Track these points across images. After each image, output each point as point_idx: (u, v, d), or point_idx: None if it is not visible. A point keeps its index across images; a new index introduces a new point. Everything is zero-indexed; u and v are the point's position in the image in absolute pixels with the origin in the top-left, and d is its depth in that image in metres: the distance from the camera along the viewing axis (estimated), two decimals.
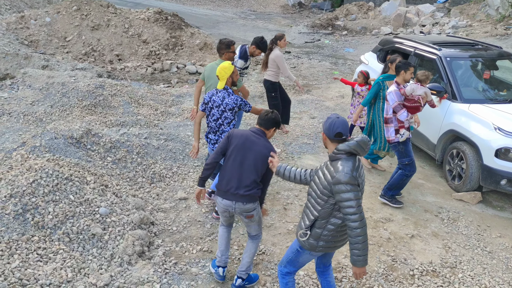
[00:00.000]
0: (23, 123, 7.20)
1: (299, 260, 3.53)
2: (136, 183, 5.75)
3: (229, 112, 4.74)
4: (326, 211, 3.21)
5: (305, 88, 10.61)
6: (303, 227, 3.35)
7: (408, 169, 5.54)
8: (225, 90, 4.74)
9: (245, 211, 3.83)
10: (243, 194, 3.76)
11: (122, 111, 7.93)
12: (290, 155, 6.99)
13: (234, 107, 4.72)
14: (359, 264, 3.18)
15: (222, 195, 3.86)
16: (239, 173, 3.78)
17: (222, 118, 4.76)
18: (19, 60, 9.90)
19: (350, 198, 3.07)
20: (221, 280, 4.15)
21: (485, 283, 4.45)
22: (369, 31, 19.20)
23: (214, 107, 4.77)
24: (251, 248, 4.06)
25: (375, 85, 6.14)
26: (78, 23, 12.72)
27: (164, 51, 12.85)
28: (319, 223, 3.27)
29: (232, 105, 4.70)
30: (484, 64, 7.15)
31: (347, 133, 3.23)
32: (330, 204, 3.18)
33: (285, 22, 21.93)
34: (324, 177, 3.20)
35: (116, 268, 4.17)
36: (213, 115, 4.79)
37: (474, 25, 16.91)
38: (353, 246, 3.14)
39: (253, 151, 3.78)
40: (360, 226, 3.08)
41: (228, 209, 3.89)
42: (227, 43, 5.67)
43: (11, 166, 5.00)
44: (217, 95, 4.75)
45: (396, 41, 8.03)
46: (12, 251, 3.97)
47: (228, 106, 4.70)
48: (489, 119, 5.87)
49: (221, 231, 4.19)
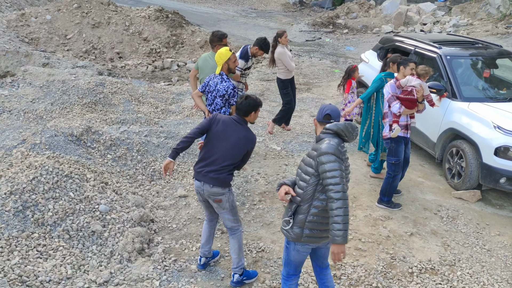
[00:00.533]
0: (23, 121, 7.21)
1: (291, 259, 3.46)
2: (136, 180, 5.76)
3: (219, 99, 4.80)
4: (308, 193, 3.20)
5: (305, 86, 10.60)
6: (286, 216, 3.35)
7: (393, 169, 5.50)
8: (220, 76, 4.79)
9: (212, 194, 3.87)
10: (212, 177, 3.83)
11: (123, 109, 7.94)
12: (290, 153, 7.00)
13: (224, 94, 4.75)
14: (338, 240, 3.02)
15: (195, 175, 3.95)
16: (214, 157, 3.85)
17: (214, 104, 4.86)
18: (20, 58, 9.91)
19: (334, 168, 3.06)
20: (201, 268, 4.29)
21: (483, 281, 4.46)
22: (370, 29, 19.18)
23: (209, 91, 4.87)
24: (233, 244, 4.07)
25: (378, 81, 6.13)
26: (78, 21, 12.72)
27: (164, 49, 12.85)
28: (302, 209, 3.25)
29: (222, 92, 4.74)
30: (484, 63, 7.15)
31: (336, 118, 3.30)
32: (312, 184, 3.18)
33: (286, 20, 21.90)
34: (308, 155, 3.26)
35: (116, 265, 4.18)
36: (207, 99, 4.91)
37: (475, 23, 16.88)
38: (333, 220, 3.03)
39: (231, 139, 3.85)
40: (342, 197, 3.02)
41: (198, 190, 3.95)
42: (220, 36, 5.70)
43: (11, 164, 5.01)
44: (213, 80, 4.83)
45: (396, 39, 8.02)
46: (12, 247, 3.99)
47: (219, 93, 4.75)
48: (489, 118, 5.87)
49: (204, 224, 4.30)
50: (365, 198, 5.80)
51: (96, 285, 3.90)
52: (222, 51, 4.75)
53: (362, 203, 5.69)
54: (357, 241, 4.91)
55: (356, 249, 4.78)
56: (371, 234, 5.06)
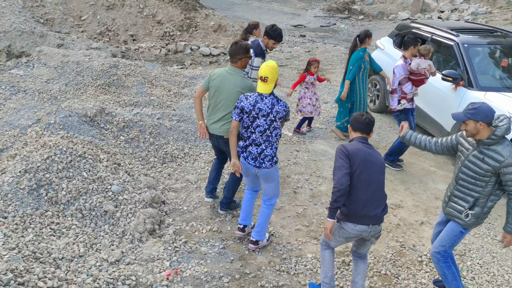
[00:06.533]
0: (38, 101, 7.28)
1: (458, 242, 3.81)
2: (148, 162, 5.81)
3: (278, 122, 4.04)
4: (489, 190, 3.49)
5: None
6: (464, 209, 3.61)
7: None
8: (273, 95, 4.04)
9: (378, 232, 3.57)
10: (380, 216, 3.51)
11: (136, 91, 7.97)
12: (302, 140, 6.98)
13: (283, 116, 4.06)
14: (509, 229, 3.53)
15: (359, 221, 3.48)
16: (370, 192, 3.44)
17: (271, 129, 4.02)
18: (35, 38, 9.97)
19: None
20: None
21: (493, 272, 4.44)
22: (386, 16, 18.89)
23: (260, 116, 3.99)
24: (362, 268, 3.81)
25: (359, 60, 6.63)
26: (93, 2, 12.72)
27: (178, 32, 12.81)
28: (480, 202, 3.55)
29: (282, 113, 4.02)
30: (502, 52, 7.01)
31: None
32: (492, 184, 3.46)
33: (301, 5, 21.65)
34: (483, 161, 3.43)
35: (127, 244, 4.24)
36: (258, 125, 4.02)
37: (494, 12, 16.53)
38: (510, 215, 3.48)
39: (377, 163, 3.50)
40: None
41: (362, 235, 3.53)
42: (246, 48, 4.47)
43: (26, 142, 5.08)
44: (263, 102, 3.98)
45: (413, 26, 7.89)
46: (26, 225, 4.06)
47: (279, 115, 4.00)
48: (505, 108, 5.78)
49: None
50: None
51: (108, 263, 3.97)
52: (274, 65, 3.96)
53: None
54: None
55: None
56: None
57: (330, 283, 3.73)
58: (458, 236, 3.74)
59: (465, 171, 3.54)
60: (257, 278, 4.08)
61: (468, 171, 3.53)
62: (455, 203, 3.69)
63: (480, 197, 3.54)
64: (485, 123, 3.36)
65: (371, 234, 3.50)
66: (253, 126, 4.03)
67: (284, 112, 4.03)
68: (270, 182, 4.22)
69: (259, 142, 4.05)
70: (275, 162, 4.15)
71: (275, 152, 4.13)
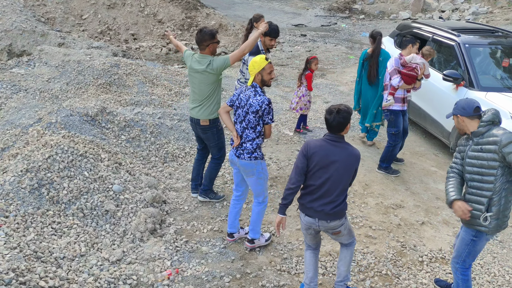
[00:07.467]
0: (39, 100, 7.29)
1: (477, 250, 3.64)
2: (149, 162, 5.81)
3: (251, 115, 3.98)
4: (499, 185, 3.37)
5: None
6: (481, 212, 3.45)
7: (393, 139, 5.92)
8: (253, 88, 4.02)
9: (330, 228, 3.55)
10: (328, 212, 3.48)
11: (137, 91, 7.97)
12: (303, 139, 6.98)
13: (258, 110, 3.95)
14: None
15: (304, 210, 3.59)
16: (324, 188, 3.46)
17: (246, 121, 4.04)
18: (36, 37, 9.97)
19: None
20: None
21: (494, 272, 4.44)
22: (387, 15, 18.89)
23: (240, 106, 4.08)
24: (345, 255, 3.75)
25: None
26: (94, 1, 12.73)
27: (179, 31, 12.82)
28: (494, 201, 3.41)
29: (256, 107, 3.94)
30: (503, 52, 7.01)
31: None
32: (500, 174, 3.34)
33: (302, 4, 21.65)
34: (483, 151, 3.37)
35: (128, 244, 4.25)
36: (239, 115, 4.10)
37: (495, 11, 16.52)
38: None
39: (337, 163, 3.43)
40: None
41: (311, 226, 3.58)
42: (211, 33, 4.63)
43: (27, 142, 5.09)
44: (244, 93, 4.06)
45: (414, 26, 7.90)
46: (27, 224, 4.07)
47: (252, 108, 3.96)
48: (506, 108, 5.78)
49: (308, 254, 3.82)
50: (377, 186, 5.79)
51: (109, 263, 3.97)
52: (256, 59, 3.95)
53: (373, 190, 5.67)
54: (367, 228, 4.92)
55: (366, 236, 4.78)
56: (382, 222, 5.06)
57: (310, 284, 3.74)
58: (471, 244, 3.61)
59: (470, 169, 3.50)
60: (258, 278, 4.08)
61: (472, 168, 3.48)
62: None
63: (493, 196, 3.40)
64: (464, 116, 3.47)
65: (322, 229, 3.55)
66: (236, 115, 4.18)
67: (258, 106, 3.92)
68: (249, 176, 4.21)
69: (239, 132, 4.14)
70: (255, 158, 4.10)
71: (255, 149, 4.09)
